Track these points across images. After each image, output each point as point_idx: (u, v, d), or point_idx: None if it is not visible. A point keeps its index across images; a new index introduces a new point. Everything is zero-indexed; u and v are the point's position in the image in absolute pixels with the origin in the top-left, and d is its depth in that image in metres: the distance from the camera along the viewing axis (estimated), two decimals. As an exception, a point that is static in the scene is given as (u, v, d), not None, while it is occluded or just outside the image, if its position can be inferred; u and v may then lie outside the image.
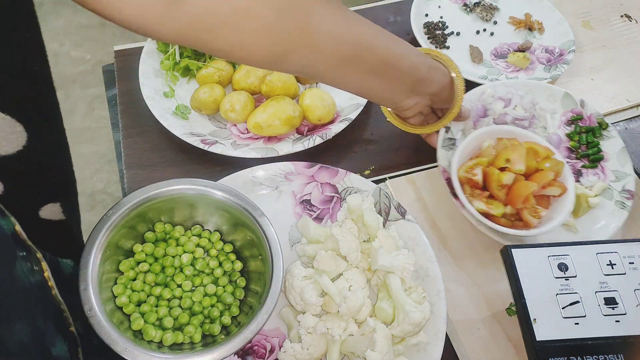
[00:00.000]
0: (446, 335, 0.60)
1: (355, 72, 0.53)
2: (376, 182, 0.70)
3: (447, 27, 0.93)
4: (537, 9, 0.96)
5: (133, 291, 0.57)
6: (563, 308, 0.54)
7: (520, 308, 0.55)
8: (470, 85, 0.77)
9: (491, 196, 0.65)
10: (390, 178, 0.74)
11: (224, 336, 0.56)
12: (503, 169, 0.65)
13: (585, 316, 0.54)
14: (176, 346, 0.56)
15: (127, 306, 0.56)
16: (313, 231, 0.63)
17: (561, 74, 0.85)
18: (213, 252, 0.62)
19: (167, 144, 0.76)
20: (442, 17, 0.95)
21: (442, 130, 0.71)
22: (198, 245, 0.62)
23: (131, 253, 0.60)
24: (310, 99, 0.76)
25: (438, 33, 0.92)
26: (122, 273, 0.58)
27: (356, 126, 0.78)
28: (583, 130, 0.76)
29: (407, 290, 0.60)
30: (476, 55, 0.89)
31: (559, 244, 0.58)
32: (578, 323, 0.54)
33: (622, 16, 0.98)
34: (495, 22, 0.95)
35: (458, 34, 0.93)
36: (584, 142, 0.75)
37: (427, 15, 0.95)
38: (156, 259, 0.60)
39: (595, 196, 0.71)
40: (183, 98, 0.80)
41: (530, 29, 0.94)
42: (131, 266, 0.59)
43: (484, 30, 0.94)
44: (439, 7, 0.97)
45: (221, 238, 0.64)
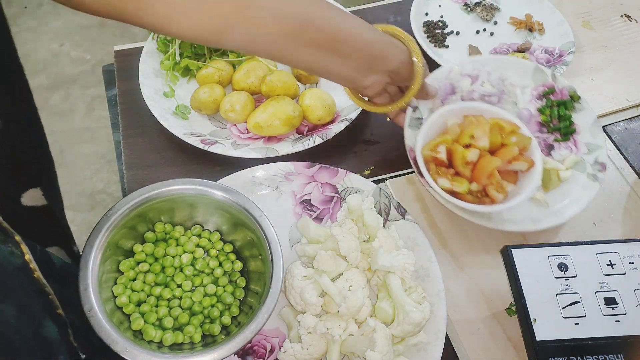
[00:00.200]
0: (446, 335, 0.60)
1: (301, 48, 0.51)
2: (376, 182, 0.70)
3: (447, 27, 0.94)
4: (538, 10, 0.95)
5: (133, 291, 0.58)
6: (563, 308, 0.54)
7: (520, 308, 0.55)
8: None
9: (457, 174, 0.64)
10: (390, 178, 0.74)
11: (224, 336, 0.56)
12: (468, 146, 0.64)
13: (585, 316, 0.54)
14: (176, 346, 0.56)
15: (127, 306, 0.56)
16: (313, 231, 0.63)
17: (560, 75, 0.85)
18: (213, 252, 0.62)
19: (167, 144, 0.76)
20: (442, 17, 0.95)
21: (410, 109, 0.69)
22: (198, 245, 0.62)
23: (131, 253, 0.60)
24: (310, 99, 0.76)
25: (437, 32, 0.92)
26: (122, 273, 0.59)
27: (356, 126, 0.78)
28: (555, 103, 0.74)
29: (407, 290, 0.60)
30: (475, 54, 0.89)
31: (559, 244, 0.58)
32: (578, 323, 0.54)
33: (622, 16, 0.98)
34: (495, 22, 0.95)
35: (458, 34, 0.93)
36: (556, 116, 0.74)
37: (427, 14, 0.95)
38: (156, 259, 0.60)
39: (566, 169, 0.70)
40: (183, 98, 0.80)
41: (530, 30, 0.94)
42: (131, 266, 0.59)
43: (484, 30, 0.94)
44: (440, 7, 0.97)
45: (221, 238, 0.64)
